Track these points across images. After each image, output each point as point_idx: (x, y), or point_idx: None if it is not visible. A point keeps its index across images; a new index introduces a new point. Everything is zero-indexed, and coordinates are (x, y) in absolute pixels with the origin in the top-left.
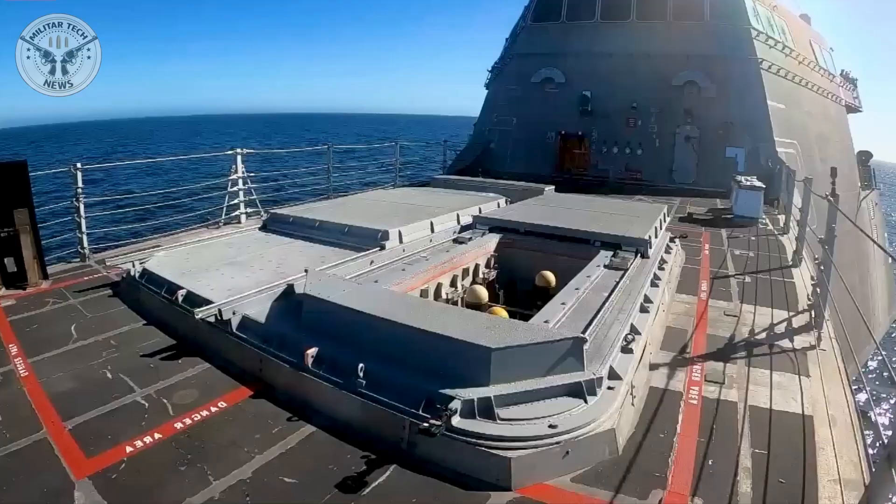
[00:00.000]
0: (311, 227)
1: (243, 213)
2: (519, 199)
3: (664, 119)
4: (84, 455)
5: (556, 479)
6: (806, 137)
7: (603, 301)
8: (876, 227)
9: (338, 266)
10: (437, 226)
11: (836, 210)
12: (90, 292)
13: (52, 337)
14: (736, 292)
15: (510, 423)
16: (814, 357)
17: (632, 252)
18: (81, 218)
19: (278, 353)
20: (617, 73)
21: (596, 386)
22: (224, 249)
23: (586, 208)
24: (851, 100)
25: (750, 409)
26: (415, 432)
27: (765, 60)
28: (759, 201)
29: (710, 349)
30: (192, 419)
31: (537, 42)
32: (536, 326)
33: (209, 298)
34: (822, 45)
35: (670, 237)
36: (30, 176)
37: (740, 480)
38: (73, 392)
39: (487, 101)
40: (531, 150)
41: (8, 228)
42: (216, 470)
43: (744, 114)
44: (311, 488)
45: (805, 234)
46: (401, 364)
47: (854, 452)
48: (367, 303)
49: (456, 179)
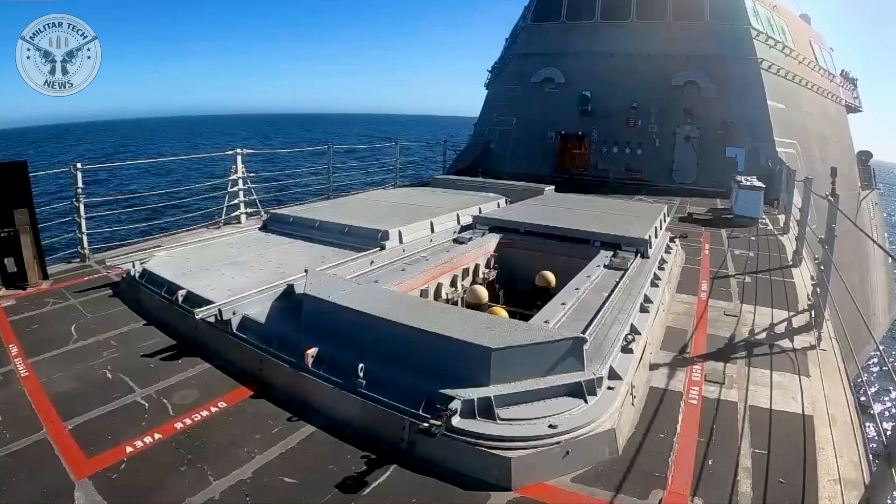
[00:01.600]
0: (312, 227)
1: (243, 213)
2: (519, 199)
3: (664, 119)
4: (84, 455)
5: (556, 479)
6: (806, 137)
7: (603, 301)
8: (876, 227)
9: (338, 266)
10: (437, 226)
11: (836, 210)
12: (90, 292)
13: (52, 337)
14: (736, 292)
15: (510, 423)
16: (814, 357)
17: (632, 252)
18: (82, 218)
19: (278, 353)
20: (617, 73)
21: (596, 386)
22: (224, 249)
23: (586, 208)
24: (851, 100)
25: (750, 408)
26: (415, 432)
27: (765, 60)
28: (759, 201)
29: (710, 349)
30: (193, 419)
31: (537, 42)
32: (536, 326)
33: (209, 298)
34: (822, 45)
35: (670, 237)
36: (30, 176)
37: (740, 480)
38: (74, 392)
39: (487, 101)
40: (531, 150)
41: (8, 228)
42: (216, 470)
43: (744, 114)
44: (311, 488)
45: (805, 234)
46: (401, 364)
47: (854, 452)
48: (367, 303)
49: (456, 179)
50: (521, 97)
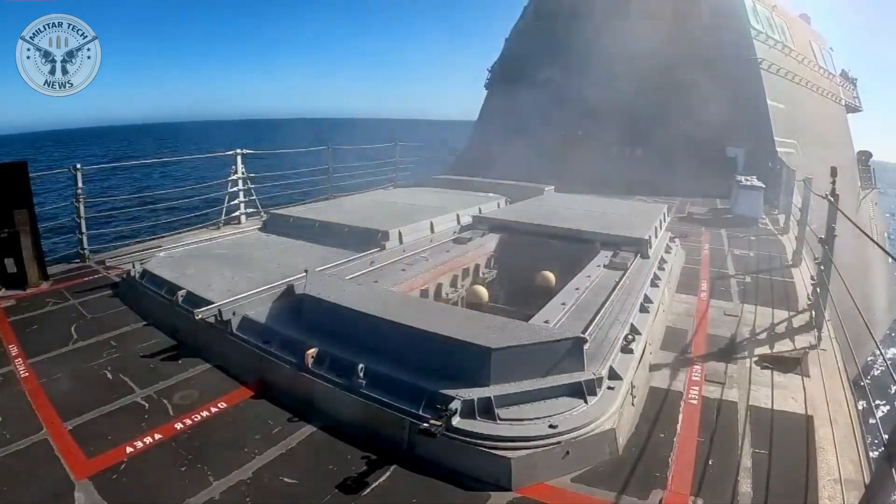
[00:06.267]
0: (311, 227)
1: (243, 213)
2: (519, 199)
3: (664, 119)
4: (84, 455)
5: (557, 480)
6: (806, 137)
7: (603, 301)
8: (876, 227)
9: (338, 266)
10: (437, 226)
11: (836, 210)
12: (90, 293)
13: (52, 337)
14: (736, 292)
15: (510, 424)
16: (814, 357)
17: (632, 252)
18: (81, 218)
19: (278, 354)
20: (617, 73)
21: (596, 386)
22: (224, 249)
23: (586, 208)
24: (851, 99)
25: (750, 409)
26: (415, 432)
27: (765, 60)
28: (759, 201)
29: (710, 349)
30: (193, 420)
31: (537, 42)
32: (536, 326)
33: (209, 299)
34: (822, 45)
35: (670, 237)
36: (30, 176)
37: (740, 480)
38: (74, 393)
39: (487, 101)
40: (531, 150)
41: (8, 229)
42: (216, 470)
43: (744, 114)
44: (311, 488)
45: (805, 233)
46: (401, 364)
47: (854, 452)
48: (368, 303)
49: (456, 179)
50: (521, 97)
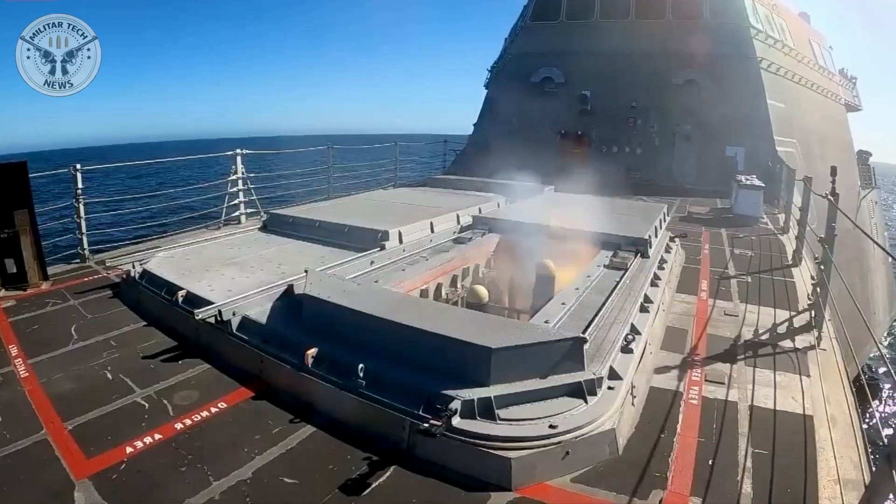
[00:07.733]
0: (311, 227)
1: (243, 213)
2: (519, 199)
3: (664, 118)
4: (84, 455)
5: (557, 480)
6: (806, 137)
7: (603, 301)
8: (876, 227)
9: (338, 266)
10: (437, 226)
11: (836, 209)
12: (90, 293)
13: (52, 338)
14: (736, 292)
15: (510, 424)
16: (814, 357)
17: (632, 252)
18: (81, 219)
19: (279, 354)
20: (616, 72)
21: (596, 386)
22: (224, 250)
23: (586, 208)
24: (851, 98)
25: (750, 408)
26: (415, 432)
27: (764, 59)
28: (759, 201)
29: (710, 349)
30: (193, 420)
31: (537, 41)
32: (536, 326)
33: (209, 299)
34: (822, 44)
35: (670, 237)
36: (30, 177)
37: (740, 480)
38: (74, 393)
39: (487, 101)
40: (530, 150)
41: (8, 229)
42: (216, 470)
43: (744, 113)
44: (311, 489)
45: (805, 233)
46: (401, 364)
47: (854, 452)
48: (368, 303)
49: (456, 179)
50: (521, 97)
